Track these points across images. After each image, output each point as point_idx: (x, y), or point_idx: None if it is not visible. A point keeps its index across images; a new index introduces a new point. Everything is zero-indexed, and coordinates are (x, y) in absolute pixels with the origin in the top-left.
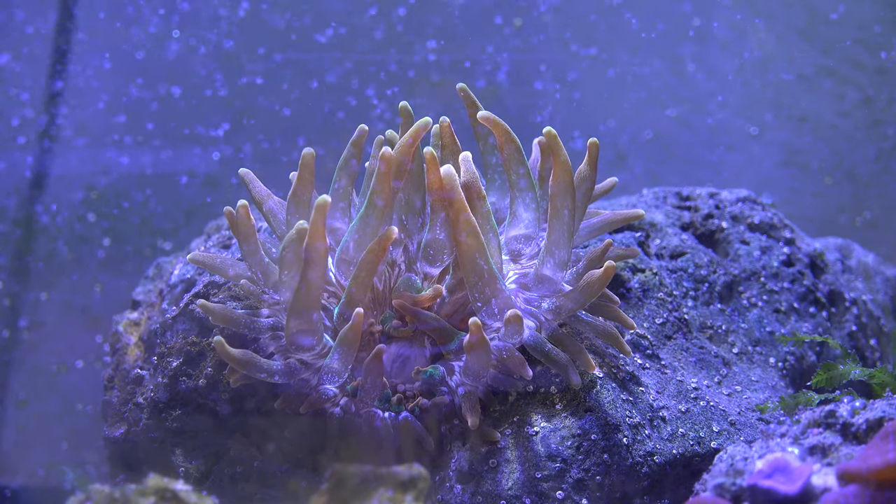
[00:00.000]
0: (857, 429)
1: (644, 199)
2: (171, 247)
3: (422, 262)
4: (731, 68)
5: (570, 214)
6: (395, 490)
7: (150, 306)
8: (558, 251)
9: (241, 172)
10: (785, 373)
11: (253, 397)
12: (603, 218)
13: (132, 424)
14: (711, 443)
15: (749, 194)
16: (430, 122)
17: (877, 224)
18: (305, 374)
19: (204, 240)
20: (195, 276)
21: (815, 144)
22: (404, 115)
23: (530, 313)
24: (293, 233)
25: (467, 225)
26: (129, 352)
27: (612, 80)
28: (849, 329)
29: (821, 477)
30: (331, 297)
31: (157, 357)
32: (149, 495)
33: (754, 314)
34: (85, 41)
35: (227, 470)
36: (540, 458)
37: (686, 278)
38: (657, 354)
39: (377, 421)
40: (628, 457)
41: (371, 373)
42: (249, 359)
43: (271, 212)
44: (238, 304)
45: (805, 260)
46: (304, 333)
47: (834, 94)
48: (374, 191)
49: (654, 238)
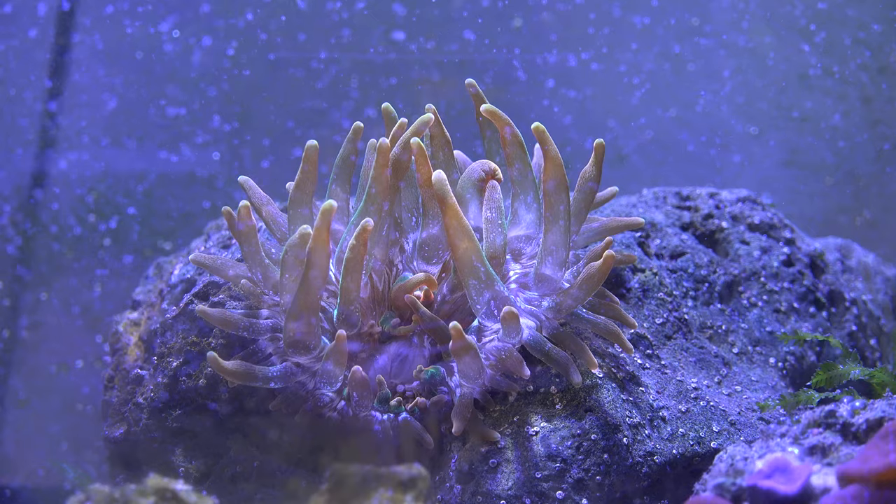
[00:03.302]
0: (858, 429)
1: (644, 199)
2: (171, 247)
3: (418, 261)
4: (731, 68)
5: (565, 211)
6: (395, 490)
7: (150, 306)
8: (556, 249)
9: (240, 180)
10: (785, 373)
11: (253, 397)
12: (603, 223)
13: (132, 424)
14: (711, 443)
15: (749, 194)
16: (432, 120)
17: (877, 224)
18: (302, 377)
19: (204, 240)
20: (195, 276)
21: (815, 144)
22: (387, 116)
23: (531, 313)
24: (296, 237)
25: (461, 228)
26: (129, 352)
27: (612, 80)
28: (849, 329)
29: (821, 477)
30: (330, 297)
31: (157, 357)
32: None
33: (754, 314)
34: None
35: (227, 470)
36: (540, 458)
37: (686, 278)
38: (657, 354)
39: (376, 424)
40: (628, 457)
41: (356, 388)
42: (245, 370)
43: (270, 216)
44: (238, 304)
45: (805, 260)
46: (302, 337)
47: (834, 94)
48: (371, 189)
49: (654, 238)
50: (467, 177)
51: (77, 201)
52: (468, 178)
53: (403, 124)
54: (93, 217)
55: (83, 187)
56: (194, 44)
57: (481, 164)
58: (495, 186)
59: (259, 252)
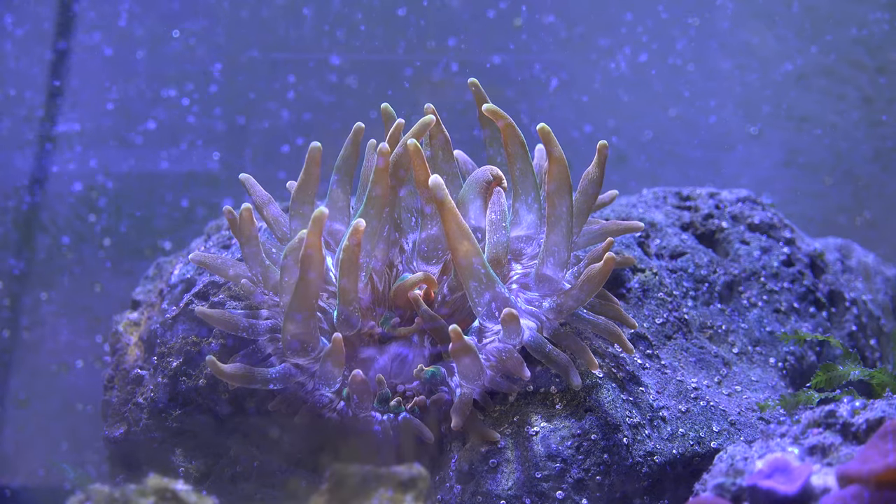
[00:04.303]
0: (858, 429)
1: (644, 199)
2: (171, 247)
3: (418, 261)
4: (731, 68)
5: (567, 212)
6: (395, 490)
7: (150, 306)
8: (558, 250)
9: (241, 178)
10: (785, 373)
11: (253, 397)
12: (603, 225)
13: (132, 424)
14: (711, 443)
15: (749, 194)
16: (433, 122)
17: (877, 224)
18: (301, 377)
19: (204, 240)
20: (195, 276)
21: (815, 144)
22: (386, 116)
23: (531, 314)
24: (295, 241)
25: (460, 230)
26: (129, 352)
27: (612, 80)
28: (849, 329)
29: (821, 477)
30: (330, 297)
31: (157, 357)
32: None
33: (754, 314)
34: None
35: (227, 470)
36: (540, 458)
37: (686, 278)
38: (657, 354)
39: (376, 425)
40: (628, 457)
41: (356, 390)
42: (243, 372)
43: (271, 216)
44: (238, 304)
45: (805, 260)
46: (301, 338)
47: (834, 94)
48: (372, 191)
49: (653, 238)
50: (473, 181)
51: (77, 201)
52: (474, 181)
53: (401, 125)
54: (93, 217)
55: (83, 187)
56: (194, 43)
57: (487, 169)
58: (500, 192)
59: (259, 253)
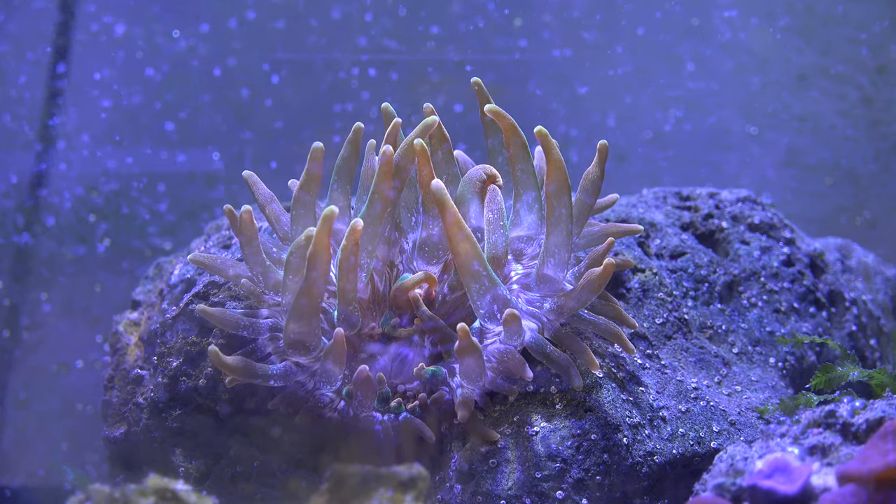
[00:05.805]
0: (858, 429)
1: (644, 199)
2: (171, 247)
3: (418, 261)
4: (731, 68)
5: (567, 213)
6: (395, 490)
7: (150, 306)
8: (558, 251)
9: (244, 175)
10: (785, 373)
11: (253, 397)
12: (603, 227)
13: (132, 424)
14: (711, 443)
15: (749, 194)
16: (436, 122)
17: (877, 224)
18: (302, 376)
19: (204, 240)
20: (195, 276)
21: (815, 144)
22: (386, 116)
23: (532, 314)
24: (301, 239)
25: (461, 232)
26: (129, 352)
27: (612, 80)
28: (849, 329)
29: (821, 477)
30: (331, 297)
31: (157, 357)
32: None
33: (754, 314)
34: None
35: (227, 470)
36: (540, 458)
37: (686, 278)
38: (657, 354)
39: (376, 425)
40: (628, 457)
41: (360, 387)
42: (245, 366)
43: (273, 214)
44: (238, 304)
45: (805, 260)
46: (303, 337)
47: (834, 94)
48: (373, 191)
49: (654, 238)
50: (468, 180)
51: (77, 201)
52: (468, 181)
53: (399, 124)
54: (93, 217)
55: (83, 187)
56: (194, 43)
57: (482, 168)
58: (496, 190)
59: (260, 253)
